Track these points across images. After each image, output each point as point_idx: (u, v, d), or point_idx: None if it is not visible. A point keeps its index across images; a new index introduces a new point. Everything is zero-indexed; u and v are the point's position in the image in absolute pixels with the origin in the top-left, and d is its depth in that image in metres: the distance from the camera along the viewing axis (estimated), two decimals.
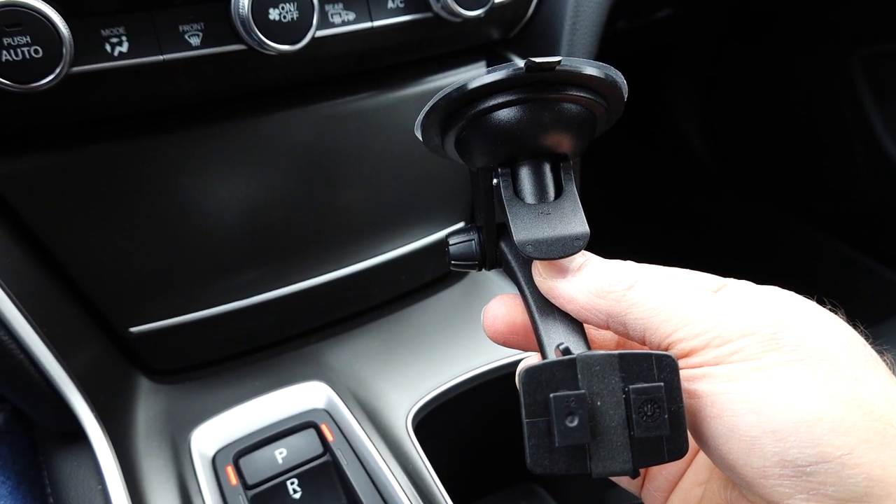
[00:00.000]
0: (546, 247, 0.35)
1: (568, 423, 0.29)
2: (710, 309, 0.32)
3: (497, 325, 0.41)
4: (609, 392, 0.30)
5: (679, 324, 0.32)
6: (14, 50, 0.44)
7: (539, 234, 0.35)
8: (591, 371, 0.30)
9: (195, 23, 0.52)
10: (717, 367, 0.31)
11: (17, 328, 0.55)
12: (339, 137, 0.66)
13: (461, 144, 0.39)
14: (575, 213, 0.36)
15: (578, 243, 0.35)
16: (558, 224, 0.36)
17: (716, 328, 0.32)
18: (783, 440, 0.29)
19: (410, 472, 0.63)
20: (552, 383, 0.30)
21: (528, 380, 0.30)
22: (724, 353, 0.31)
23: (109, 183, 0.58)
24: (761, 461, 0.29)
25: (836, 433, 0.28)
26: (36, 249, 0.58)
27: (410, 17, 0.61)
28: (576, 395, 0.30)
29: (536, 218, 0.36)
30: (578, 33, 0.73)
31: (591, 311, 0.35)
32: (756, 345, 0.31)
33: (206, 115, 0.60)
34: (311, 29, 0.53)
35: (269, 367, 0.74)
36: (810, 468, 0.28)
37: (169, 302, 0.67)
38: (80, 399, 0.59)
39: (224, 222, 0.65)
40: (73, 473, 0.62)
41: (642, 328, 0.33)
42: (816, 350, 0.31)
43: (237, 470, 0.62)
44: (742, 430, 0.30)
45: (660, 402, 0.30)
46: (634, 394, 0.30)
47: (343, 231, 0.73)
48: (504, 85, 0.35)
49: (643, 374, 0.31)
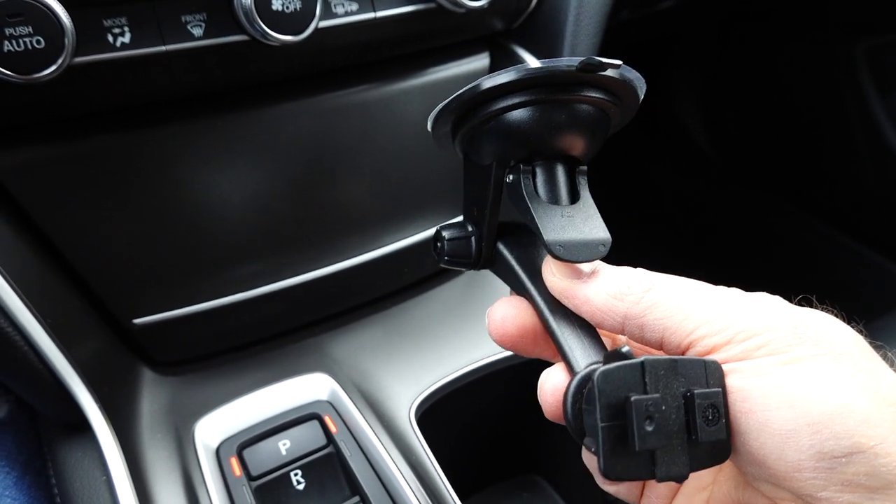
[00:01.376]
0: (574, 249, 0.35)
1: (647, 428, 0.29)
2: (730, 305, 0.33)
3: (507, 328, 0.39)
4: (672, 397, 0.30)
5: (700, 321, 0.32)
6: (16, 40, 0.44)
7: (567, 236, 0.35)
8: (657, 375, 0.30)
9: (198, 13, 0.52)
10: (744, 363, 0.31)
11: (21, 319, 0.55)
12: (342, 129, 0.66)
13: (473, 140, 0.38)
14: (595, 219, 0.37)
15: (603, 248, 0.36)
16: (583, 227, 0.36)
17: (738, 323, 0.32)
18: (819, 432, 0.29)
19: (413, 464, 0.64)
20: (625, 387, 0.30)
21: (606, 381, 0.30)
22: (750, 348, 0.32)
23: (112, 174, 0.58)
24: (796, 454, 0.29)
25: (867, 424, 0.29)
26: (39, 241, 0.58)
27: (413, 8, 0.61)
28: (654, 399, 0.30)
29: (560, 220, 0.36)
30: (582, 24, 0.72)
31: (607, 314, 0.35)
32: (781, 339, 0.31)
33: (208, 107, 0.60)
34: (314, 19, 0.53)
35: (272, 359, 0.74)
36: (845, 459, 0.29)
37: (172, 293, 0.67)
38: (84, 390, 0.60)
39: (227, 214, 0.65)
40: (78, 464, 0.62)
41: (661, 328, 0.33)
42: (836, 344, 0.31)
43: (241, 461, 0.63)
44: (777, 423, 0.30)
45: (720, 406, 0.31)
46: (699, 398, 0.30)
47: (346, 223, 0.73)
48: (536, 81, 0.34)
49: (699, 380, 0.31)
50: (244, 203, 0.65)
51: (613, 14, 0.77)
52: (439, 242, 0.41)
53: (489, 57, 0.75)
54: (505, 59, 0.77)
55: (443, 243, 0.41)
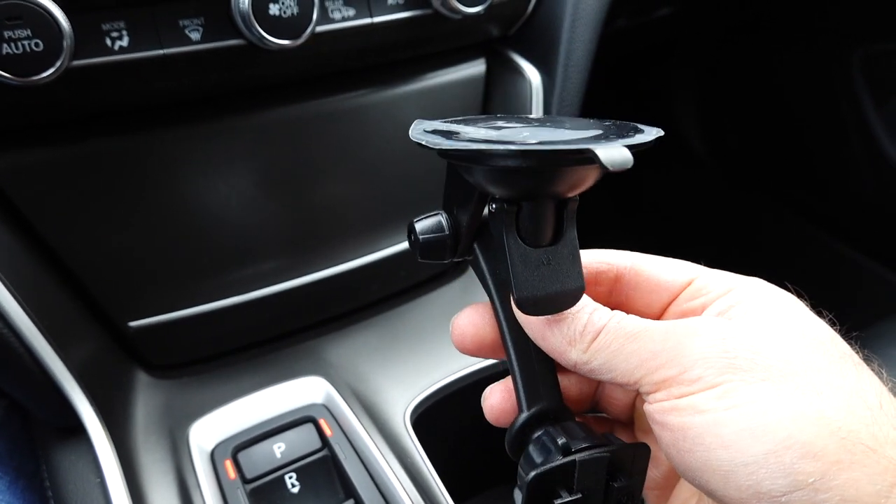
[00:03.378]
0: (545, 305, 0.35)
1: None
2: (667, 341, 0.32)
3: (466, 344, 0.41)
4: (595, 487, 0.34)
5: (640, 362, 0.33)
6: (14, 43, 0.44)
7: (539, 291, 0.34)
8: (586, 472, 0.33)
9: (195, 17, 0.52)
10: (682, 400, 0.31)
11: (16, 321, 0.55)
12: (339, 133, 0.66)
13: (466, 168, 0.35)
14: (573, 264, 0.35)
15: (573, 300, 0.35)
16: (557, 277, 0.35)
17: (673, 360, 0.32)
18: (754, 473, 0.29)
19: (408, 467, 0.64)
20: (552, 482, 0.34)
21: (537, 484, 0.33)
22: (686, 383, 0.31)
23: (109, 177, 0.58)
24: (737, 492, 0.29)
25: (805, 459, 0.28)
26: (35, 243, 0.59)
27: (410, 14, 0.61)
28: (573, 500, 0.33)
29: (537, 269, 0.35)
30: (578, 31, 0.73)
31: (560, 357, 0.36)
32: (713, 369, 0.31)
33: (205, 110, 0.60)
34: (311, 24, 0.53)
35: (267, 363, 0.74)
36: (784, 498, 0.28)
37: (168, 297, 0.67)
38: (80, 393, 0.60)
39: (223, 217, 0.65)
40: (72, 467, 0.62)
41: (608, 372, 0.34)
42: (773, 364, 0.31)
43: (236, 464, 0.63)
44: (715, 464, 0.30)
45: (634, 493, 0.35)
46: (618, 493, 0.35)
47: (342, 227, 0.73)
48: None
49: (624, 467, 0.35)
50: (240, 206, 0.65)
51: (609, 21, 0.77)
52: (412, 235, 0.39)
53: (485, 63, 0.75)
54: (501, 65, 0.77)
55: (416, 239, 0.39)
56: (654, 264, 0.39)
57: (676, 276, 0.38)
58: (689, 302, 0.37)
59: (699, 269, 0.38)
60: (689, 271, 0.38)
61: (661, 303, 0.39)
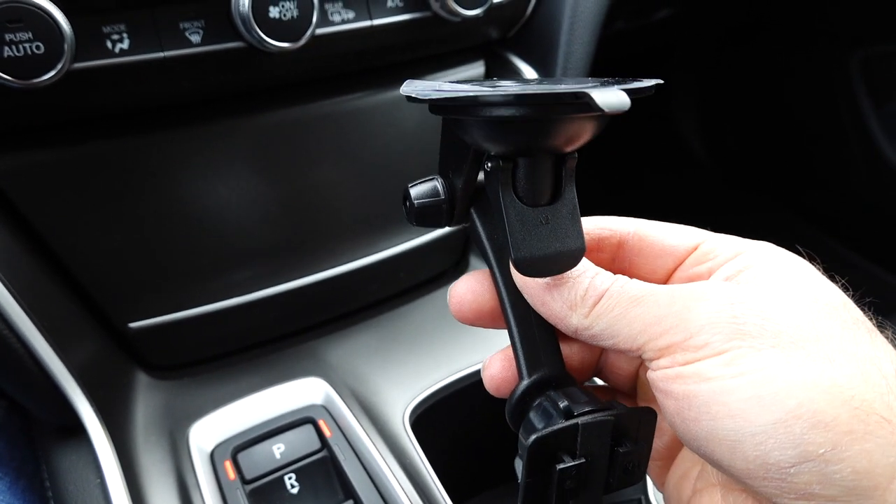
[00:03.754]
0: (542, 266, 0.33)
1: (565, 486, 0.32)
2: (670, 305, 0.31)
3: (464, 312, 0.40)
4: (599, 452, 0.33)
5: (644, 327, 0.31)
6: (16, 46, 0.45)
7: (537, 252, 0.33)
8: (589, 436, 0.32)
9: (196, 20, 0.52)
10: (688, 367, 0.30)
11: (16, 322, 0.55)
12: (338, 135, 0.67)
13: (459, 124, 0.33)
14: (573, 223, 0.34)
15: (573, 261, 0.34)
16: (555, 237, 0.34)
17: (679, 325, 0.30)
18: (763, 443, 0.28)
19: (408, 468, 0.64)
20: (553, 447, 0.32)
21: (538, 449, 0.32)
22: (692, 349, 0.30)
23: (108, 179, 0.58)
24: (744, 464, 0.28)
25: (816, 429, 0.27)
26: (36, 244, 0.59)
27: (409, 16, 0.62)
28: (577, 465, 0.32)
29: (535, 229, 0.33)
30: (576, 34, 0.73)
31: (561, 322, 0.35)
32: (720, 335, 0.29)
33: (205, 112, 0.60)
34: (311, 27, 0.53)
35: (267, 364, 0.75)
36: (793, 469, 0.27)
37: (167, 297, 0.67)
38: (80, 393, 0.60)
39: (223, 218, 0.65)
40: (72, 467, 0.62)
41: (610, 337, 0.33)
42: (783, 330, 0.29)
43: (235, 464, 0.63)
44: (721, 433, 0.29)
45: (641, 459, 0.34)
46: (623, 458, 0.34)
47: (342, 228, 0.73)
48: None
49: (630, 432, 0.34)
50: (240, 208, 0.65)
51: (608, 24, 0.77)
52: (407, 202, 0.38)
53: (484, 65, 0.75)
54: (500, 67, 0.77)
55: (412, 205, 0.38)
56: (659, 229, 0.38)
57: (682, 241, 0.37)
58: (696, 267, 0.36)
59: (705, 233, 0.37)
60: (695, 236, 0.37)
61: (666, 268, 0.37)
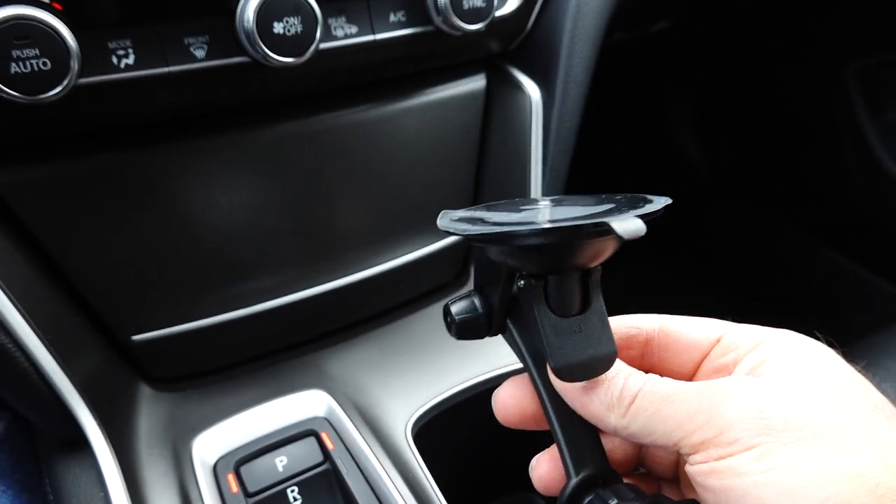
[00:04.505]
0: (579, 371, 0.36)
1: None
2: (699, 402, 0.33)
3: (508, 417, 0.42)
4: None
5: (678, 424, 0.33)
6: (22, 62, 0.45)
7: (573, 360, 0.36)
8: None
9: (200, 35, 0.53)
10: (721, 462, 0.32)
11: (20, 335, 0.55)
12: (341, 148, 0.67)
13: (493, 250, 0.37)
14: (604, 330, 0.37)
15: (607, 365, 0.37)
16: (588, 344, 0.36)
17: (710, 422, 0.33)
18: None
19: (410, 481, 0.64)
20: None
21: None
22: (724, 444, 0.32)
23: (113, 192, 0.58)
24: None
25: None
26: (39, 257, 0.59)
27: (412, 31, 0.62)
28: None
29: (569, 338, 0.36)
30: (577, 46, 0.74)
31: (600, 422, 0.37)
32: (749, 430, 0.31)
33: (209, 127, 0.61)
34: (315, 42, 0.54)
35: (269, 376, 0.75)
36: None
37: (171, 310, 0.67)
38: (83, 406, 0.60)
39: (226, 232, 0.65)
40: (76, 481, 0.62)
41: (648, 435, 0.35)
42: (807, 423, 0.31)
43: (238, 477, 0.63)
44: None
45: None
46: None
47: (344, 240, 0.73)
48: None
49: None
50: (242, 221, 0.65)
51: (608, 36, 0.78)
52: (448, 318, 0.42)
53: (485, 78, 0.76)
54: (501, 80, 0.78)
55: (452, 320, 0.41)
56: (683, 324, 0.41)
57: (705, 334, 0.40)
58: (721, 359, 0.39)
59: (727, 325, 0.40)
60: (717, 328, 0.40)
61: (692, 361, 0.40)
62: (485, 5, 0.62)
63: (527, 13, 0.73)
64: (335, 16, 0.58)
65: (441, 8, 0.60)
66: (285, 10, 0.52)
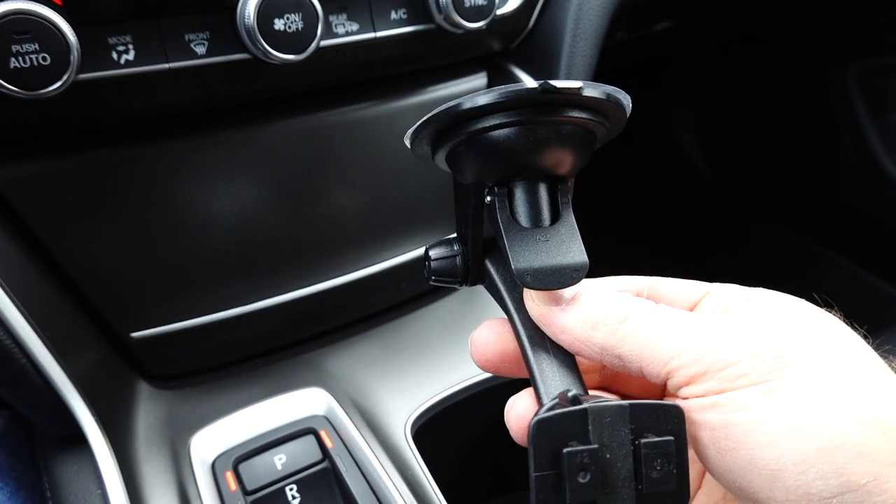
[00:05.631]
0: (545, 277, 0.33)
1: (580, 480, 0.28)
2: (707, 333, 0.31)
3: (488, 355, 0.39)
4: (618, 444, 0.29)
5: (676, 350, 0.31)
6: (22, 57, 0.45)
7: (538, 263, 0.34)
8: (601, 423, 0.29)
9: (201, 32, 0.53)
10: (724, 396, 0.30)
11: (19, 331, 0.55)
12: (342, 146, 0.67)
13: (454, 158, 0.37)
14: (573, 241, 0.35)
15: (577, 274, 0.34)
16: (557, 252, 0.34)
17: (714, 352, 0.30)
18: (805, 472, 0.27)
19: (409, 480, 0.64)
20: (563, 436, 0.29)
21: (539, 432, 0.29)
22: (729, 378, 0.30)
23: (113, 189, 0.58)
24: (784, 494, 0.28)
25: (858, 459, 0.27)
26: (39, 254, 0.59)
27: (413, 29, 0.62)
28: (589, 450, 0.28)
29: (535, 245, 0.34)
30: (578, 45, 0.74)
31: (585, 344, 0.34)
32: (761, 366, 0.30)
33: (209, 123, 0.61)
34: (316, 39, 0.54)
35: (268, 374, 0.75)
36: (835, 500, 0.27)
37: (170, 307, 0.67)
38: (81, 403, 0.60)
39: (225, 229, 0.65)
40: (73, 478, 0.62)
41: (638, 359, 0.32)
42: (824, 365, 0.30)
43: (236, 475, 0.63)
44: (762, 462, 0.28)
45: (670, 456, 0.29)
46: (646, 448, 0.29)
47: (343, 238, 0.73)
48: (510, 104, 0.33)
49: (652, 426, 0.30)
50: (242, 218, 0.65)
51: (609, 35, 0.78)
52: (426, 261, 0.40)
53: (486, 76, 0.76)
54: (502, 78, 0.78)
55: (429, 262, 0.40)
56: (670, 284, 0.39)
57: (691, 293, 0.38)
58: (710, 309, 0.37)
59: (710, 284, 0.38)
60: (701, 287, 0.38)
61: None
62: (486, 3, 0.62)
63: (528, 12, 0.73)
64: (336, 13, 0.58)
65: (442, 6, 0.60)
66: (286, 7, 0.51)
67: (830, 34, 1.43)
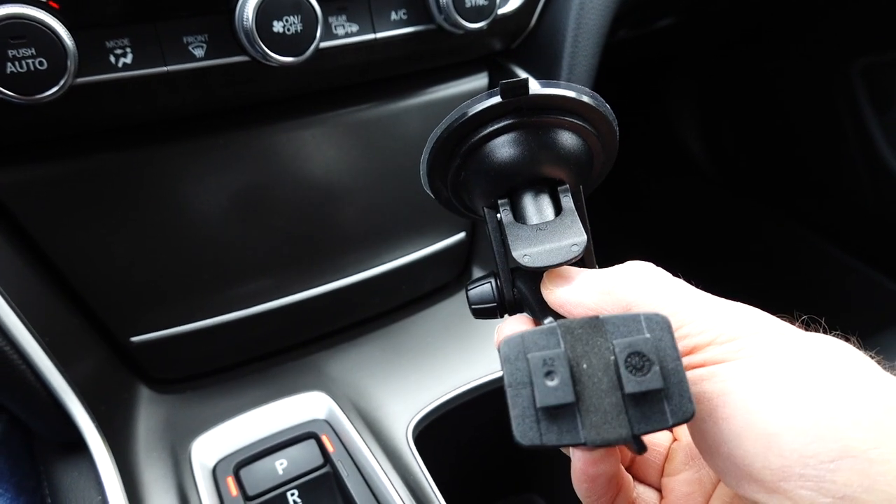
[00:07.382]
0: (543, 255, 0.35)
1: (548, 383, 0.28)
2: (714, 309, 0.32)
3: None
4: (596, 354, 0.29)
5: (684, 319, 0.32)
6: (19, 62, 0.44)
7: (536, 247, 0.36)
8: (573, 335, 0.29)
9: (199, 34, 0.52)
10: (724, 365, 0.30)
11: (18, 337, 0.55)
12: (342, 148, 0.66)
13: (462, 189, 0.40)
14: (573, 226, 0.36)
15: (575, 248, 0.35)
16: (556, 236, 0.36)
17: (720, 326, 0.31)
18: (803, 433, 0.27)
19: (410, 484, 0.63)
20: (533, 350, 0.29)
21: (508, 348, 0.29)
22: (731, 350, 0.30)
23: (111, 193, 0.58)
24: (780, 459, 0.27)
25: (860, 427, 0.26)
26: (38, 259, 0.59)
27: (413, 29, 0.61)
28: (554, 353, 0.28)
29: (535, 234, 0.36)
30: (580, 44, 0.73)
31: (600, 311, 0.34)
32: (764, 343, 0.30)
33: (208, 126, 0.60)
34: (315, 41, 0.53)
35: (269, 377, 0.74)
36: (833, 464, 0.26)
37: (170, 311, 0.67)
38: (81, 408, 0.59)
39: (225, 233, 0.65)
40: (74, 484, 0.61)
41: None
42: (826, 346, 0.30)
43: (237, 481, 0.62)
44: (759, 426, 0.28)
45: (647, 353, 0.28)
46: (619, 348, 0.28)
47: (344, 241, 0.73)
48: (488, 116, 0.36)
49: (631, 333, 0.29)
50: (242, 221, 0.65)
51: (611, 33, 0.77)
52: (466, 292, 0.42)
53: (487, 76, 0.75)
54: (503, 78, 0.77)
55: (467, 293, 0.41)
56: None
57: None
58: None
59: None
60: None
61: None
62: (487, 3, 0.61)
63: (529, 11, 0.72)
64: (336, 14, 0.57)
65: (443, 6, 0.60)
66: (285, 9, 0.51)
67: (834, 29, 1.42)
